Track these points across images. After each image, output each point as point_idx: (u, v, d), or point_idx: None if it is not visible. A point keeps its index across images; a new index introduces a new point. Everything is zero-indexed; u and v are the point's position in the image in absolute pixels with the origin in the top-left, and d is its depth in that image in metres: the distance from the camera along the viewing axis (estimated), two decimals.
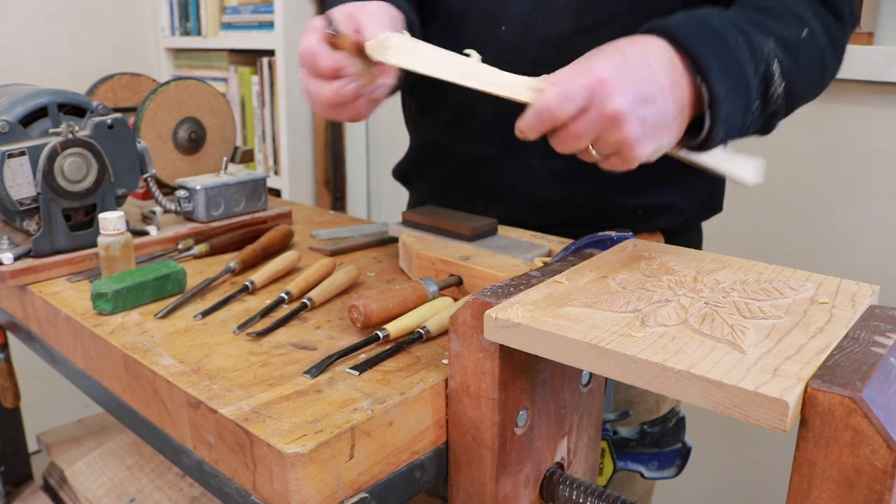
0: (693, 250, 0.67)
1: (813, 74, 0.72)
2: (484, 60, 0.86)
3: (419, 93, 0.99)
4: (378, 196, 2.19)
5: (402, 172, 1.06)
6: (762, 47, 0.65)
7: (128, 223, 0.86)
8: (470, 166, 0.92)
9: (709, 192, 0.93)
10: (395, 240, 0.99)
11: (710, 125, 0.61)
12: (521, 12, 0.83)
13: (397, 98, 0.99)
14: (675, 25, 0.62)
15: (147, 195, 1.13)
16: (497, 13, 0.85)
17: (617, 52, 0.60)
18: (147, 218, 1.03)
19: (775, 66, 0.65)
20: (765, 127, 0.71)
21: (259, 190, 1.07)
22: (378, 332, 0.66)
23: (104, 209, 0.89)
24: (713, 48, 0.61)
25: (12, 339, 1.05)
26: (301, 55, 0.69)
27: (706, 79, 0.60)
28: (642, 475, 0.75)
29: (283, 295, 0.77)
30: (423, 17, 0.94)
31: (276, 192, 2.12)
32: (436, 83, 0.68)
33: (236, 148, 1.20)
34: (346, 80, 0.68)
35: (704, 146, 0.63)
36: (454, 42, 0.89)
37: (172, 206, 1.00)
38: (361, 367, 0.62)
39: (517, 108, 0.62)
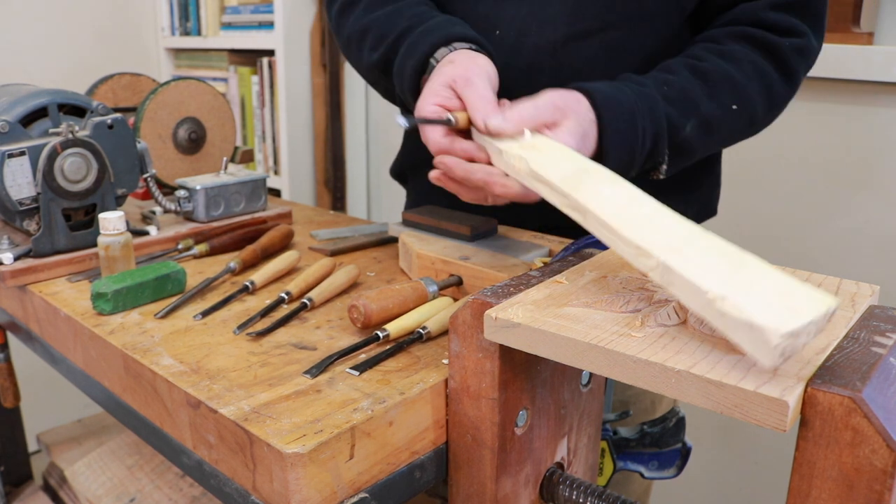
0: None
1: (730, 139, 0.83)
2: None
3: None
4: (378, 196, 2.19)
5: (398, 170, 1.06)
6: (676, 132, 0.76)
7: (128, 223, 0.86)
8: None
9: (704, 198, 0.94)
10: (395, 240, 0.99)
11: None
12: (516, 18, 0.84)
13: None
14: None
15: (147, 195, 1.13)
16: (493, 18, 0.85)
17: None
18: (147, 218, 1.03)
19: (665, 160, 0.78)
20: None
21: (259, 190, 1.07)
22: (378, 332, 0.66)
23: (104, 209, 0.89)
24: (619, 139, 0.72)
25: (12, 339, 1.05)
26: (435, 152, 0.71)
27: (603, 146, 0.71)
28: (642, 475, 0.75)
29: (283, 295, 0.77)
30: None
31: (276, 192, 2.12)
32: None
33: (236, 148, 1.20)
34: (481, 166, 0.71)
35: None
36: None
37: (172, 206, 1.00)
38: (361, 367, 0.62)
39: None
